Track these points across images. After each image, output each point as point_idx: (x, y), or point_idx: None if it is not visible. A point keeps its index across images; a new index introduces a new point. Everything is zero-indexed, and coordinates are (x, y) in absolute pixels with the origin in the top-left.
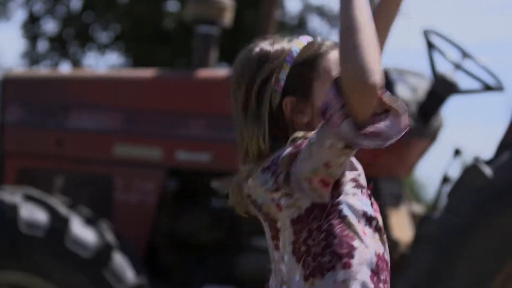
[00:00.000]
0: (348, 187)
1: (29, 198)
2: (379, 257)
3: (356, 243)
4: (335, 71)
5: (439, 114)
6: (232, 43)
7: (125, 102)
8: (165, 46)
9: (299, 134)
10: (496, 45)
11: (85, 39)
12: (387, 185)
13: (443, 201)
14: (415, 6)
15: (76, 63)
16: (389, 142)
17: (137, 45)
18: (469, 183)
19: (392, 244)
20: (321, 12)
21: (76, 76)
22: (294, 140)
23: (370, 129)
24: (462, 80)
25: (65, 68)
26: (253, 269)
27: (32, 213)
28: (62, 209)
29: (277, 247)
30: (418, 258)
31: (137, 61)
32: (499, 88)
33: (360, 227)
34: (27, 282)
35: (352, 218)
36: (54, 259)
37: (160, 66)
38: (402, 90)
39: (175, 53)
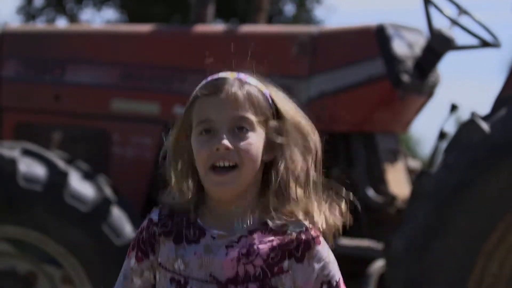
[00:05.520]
0: None
1: (27, 152)
2: None
3: None
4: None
5: (435, 70)
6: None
7: (123, 57)
8: (160, 2)
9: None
10: (492, 1)
11: None
12: (384, 141)
13: (440, 156)
14: None
15: (72, 19)
16: None
17: (133, 1)
18: (466, 138)
19: (389, 199)
20: None
21: (73, 31)
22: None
23: None
24: (458, 36)
25: (61, 24)
26: None
27: (31, 168)
28: (61, 164)
29: None
30: (415, 213)
31: (132, 17)
32: (495, 44)
33: None
34: (25, 236)
35: None
36: (52, 213)
37: (156, 22)
38: (399, 46)
39: (170, 9)
